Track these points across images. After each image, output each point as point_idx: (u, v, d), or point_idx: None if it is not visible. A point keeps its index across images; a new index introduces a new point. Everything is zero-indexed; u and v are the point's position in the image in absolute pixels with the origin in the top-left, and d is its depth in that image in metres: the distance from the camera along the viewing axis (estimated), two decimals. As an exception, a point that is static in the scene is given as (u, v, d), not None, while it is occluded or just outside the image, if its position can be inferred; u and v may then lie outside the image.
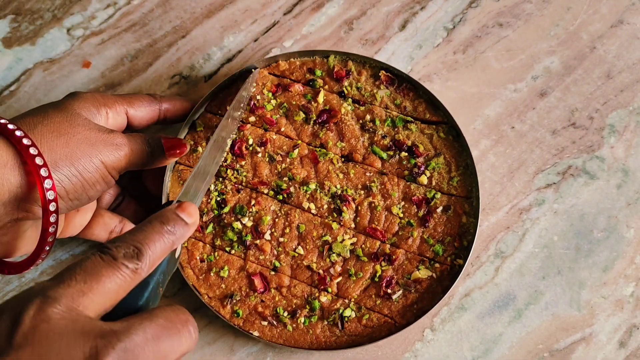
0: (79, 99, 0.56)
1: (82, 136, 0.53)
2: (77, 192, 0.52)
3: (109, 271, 0.41)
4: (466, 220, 0.64)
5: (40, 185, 0.49)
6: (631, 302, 0.66)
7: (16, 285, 0.67)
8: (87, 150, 0.52)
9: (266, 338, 0.63)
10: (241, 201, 0.65)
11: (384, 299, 0.63)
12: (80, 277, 0.40)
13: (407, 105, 0.66)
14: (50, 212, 0.50)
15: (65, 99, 0.56)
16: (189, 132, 0.67)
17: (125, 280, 0.42)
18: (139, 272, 0.43)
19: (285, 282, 0.63)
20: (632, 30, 0.71)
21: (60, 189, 0.51)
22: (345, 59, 0.68)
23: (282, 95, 0.67)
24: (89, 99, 0.57)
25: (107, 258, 0.42)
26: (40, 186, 0.49)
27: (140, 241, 0.44)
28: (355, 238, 0.64)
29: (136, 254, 0.43)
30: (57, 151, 0.51)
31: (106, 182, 0.55)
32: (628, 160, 0.68)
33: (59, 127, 0.52)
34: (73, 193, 0.52)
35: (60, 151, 0.51)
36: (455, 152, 0.65)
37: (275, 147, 0.66)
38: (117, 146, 0.54)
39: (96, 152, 0.53)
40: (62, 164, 0.51)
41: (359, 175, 0.65)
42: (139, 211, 0.66)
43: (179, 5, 0.73)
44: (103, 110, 0.57)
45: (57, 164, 0.51)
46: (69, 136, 0.52)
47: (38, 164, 0.49)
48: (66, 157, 0.51)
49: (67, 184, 0.51)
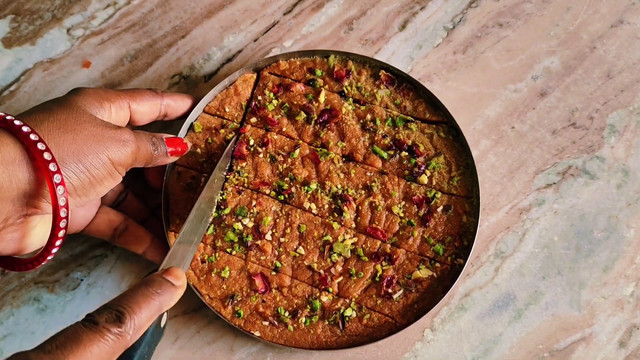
0: (82, 94, 0.56)
1: (89, 132, 0.52)
2: (85, 188, 0.52)
3: (91, 336, 0.42)
4: (466, 219, 0.64)
5: (50, 180, 0.48)
6: (631, 302, 0.66)
7: (16, 285, 0.67)
8: (94, 146, 0.52)
9: (267, 338, 0.63)
10: (242, 202, 0.65)
11: (385, 299, 0.63)
12: (61, 343, 0.41)
13: (407, 105, 0.67)
14: (60, 206, 0.49)
15: (68, 95, 0.56)
16: (187, 134, 0.67)
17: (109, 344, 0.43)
18: (124, 336, 0.44)
19: (286, 282, 0.63)
20: (632, 30, 0.71)
21: (68, 185, 0.51)
22: (345, 59, 0.68)
23: (284, 95, 0.67)
24: (92, 95, 0.57)
25: (88, 324, 0.43)
26: (50, 181, 0.48)
27: (123, 305, 0.45)
28: (356, 238, 0.64)
29: (118, 317, 0.44)
30: (64, 147, 0.51)
31: (113, 179, 0.55)
32: (628, 160, 0.68)
33: (65, 123, 0.52)
34: (81, 189, 0.52)
35: (68, 147, 0.51)
36: (455, 151, 0.65)
37: (277, 147, 0.66)
38: (124, 142, 0.54)
39: (103, 148, 0.53)
40: (69, 161, 0.51)
41: (359, 175, 0.65)
42: (142, 208, 0.66)
43: (178, 5, 0.73)
44: (106, 105, 0.57)
45: (65, 160, 0.50)
46: (75, 132, 0.52)
47: (46, 159, 0.48)
48: (73, 154, 0.51)
49: (75, 180, 0.51)
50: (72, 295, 0.67)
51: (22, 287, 0.67)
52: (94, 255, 0.68)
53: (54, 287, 0.67)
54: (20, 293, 0.67)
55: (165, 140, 0.59)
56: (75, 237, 0.67)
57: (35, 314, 0.67)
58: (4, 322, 0.67)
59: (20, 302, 0.67)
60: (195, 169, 0.66)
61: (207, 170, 0.66)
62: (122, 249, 0.67)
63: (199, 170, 0.66)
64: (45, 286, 0.67)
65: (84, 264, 0.68)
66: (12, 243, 0.52)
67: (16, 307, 0.67)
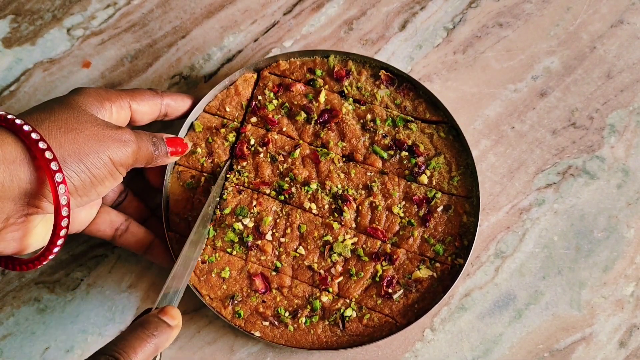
0: (83, 94, 0.56)
1: (90, 132, 0.52)
2: (86, 188, 0.52)
3: None
4: (467, 219, 0.64)
5: (51, 179, 0.48)
6: (631, 302, 0.66)
7: (16, 285, 0.67)
8: (95, 146, 0.52)
9: (268, 338, 0.63)
10: (242, 202, 0.65)
11: (385, 299, 0.63)
12: None
13: (407, 105, 0.67)
14: (62, 206, 0.49)
15: (69, 95, 0.56)
16: (187, 133, 0.67)
17: None
18: None
19: (287, 283, 0.63)
20: (632, 30, 0.71)
21: (69, 185, 0.51)
22: (346, 59, 0.68)
23: (284, 95, 0.67)
24: (93, 94, 0.57)
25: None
26: (51, 180, 0.48)
27: (119, 350, 0.46)
28: (356, 238, 0.64)
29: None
30: (66, 147, 0.51)
31: (114, 179, 0.55)
32: (628, 160, 0.68)
33: (66, 123, 0.52)
34: (82, 189, 0.52)
35: (69, 147, 0.51)
36: (455, 151, 0.65)
37: (277, 147, 0.66)
38: (124, 142, 0.54)
39: (104, 148, 0.53)
40: (70, 160, 0.51)
41: (359, 175, 0.65)
42: (142, 208, 0.66)
43: (178, 5, 0.73)
44: (107, 105, 0.57)
45: (66, 160, 0.50)
46: (76, 132, 0.52)
47: (48, 158, 0.48)
48: (74, 154, 0.51)
49: (76, 180, 0.51)
50: (72, 295, 0.67)
51: (22, 287, 0.67)
52: (94, 255, 0.68)
53: (54, 287, 0.67)
54: (20, 293, 0.67)
55: (165, 140, 0.60)
56: (76, 237, 0.67)
57: (36, 314, 0.67)
58: (4, 322, 0.67)
59: (21, 302, 0.67)
60: (195, 169, 0.66)
61: (207, 170, 0.66)
62: (123, 249, 0.67)
63: (199, 170, 0.66)
64: (45, 286, 0.67)
65: (84, 264, 0.68)
66: (13, 243, 0.52)
67: (16, 307, 0.67)
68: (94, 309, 0.67)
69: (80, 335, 0.66)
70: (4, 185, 0.48)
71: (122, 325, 0.67)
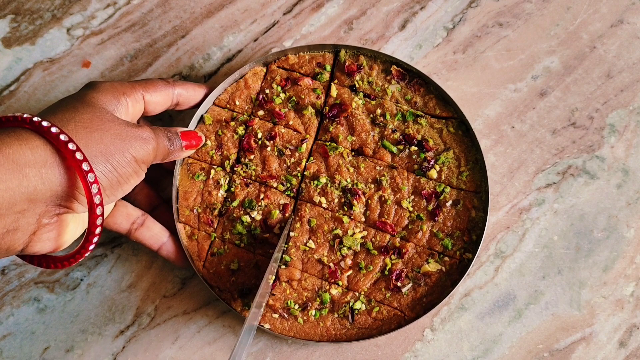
0: (100, 90, 0.56)
1: (114, 132, 0.53)
2: (114, 187, 0.53)
3: None
4: (475, 214, 0.64)
5: (84, 179, 0.49)
6: (631, 302, 0.66)
7: (16, 285, 0.67)
8: (119, 145, 0.53)
9: (277, 331, 0.63)
10: (250, 195, 0.65)
11: (394, 292, 0.63)
12: None
13: (417, 100, 0.67)
14: (96, 205, 0.50)
15: (86, 91, 0.56)
16: (197, 126, 0.67)
17: None
18: None
19: (296, 276, 0.64)
20: (632, 30, 0.71)
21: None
22: (357, 54, 0.68)
23: (291, 89, 0.67)
24: (109, 90, 0.57)
25: None
26: (84, 180, 0.49)
27: None
28: (366, 232, 0.64)
29: None
30: (92, 148, 0.51)
31: (138, 176, 0.55)
32: (628, 160, 0.68)
33: (91, 123, 0.52)
34: (109, 189, 0.53)
35: (95, 147, 0.51)
36: (464, 147, 0.65)
37: (284, 140, 0.66)
38: (145, 140, 0.55)
39: (127, 147, 0.53)
40: (97, 161, 0.51)
41: (369, 169, 0.65)
42: (152, 195, 0.66)
43: (178, 5, 0.73)
44: (123, 100, 0.58)
45: (93, 160, 0.51)
46: (101, 132, 0.52)
47: (79, 159, 0.49)
48: (101, 154, 0.51)
49: (103, 180, 0.51)
50: (72, 295, 0.67)
51: (22, 287, 0.67)
52: (94, 255, 0.68)
53: (54, 287, 0.67)
54: (20, 293, 0.67)
55: (180, 134, 0.60)
56: (75, 237, 0.67)
57: (35, 314, 0.67)
58: (4, 322, 0.67)
59: (20, 302, 0.67)
60: (205, 161, 0.66)
61: (217, 162, 0.66)
62: (123, 249, 0.67)
63: (209, 163, 0.66)
64: (45, 286, 0.67)
65: (84, 264, 0.68)
66: (49, 242, 0.52)
67: (16, 307, 0.67)
68: (94, 309, 0.67)
69: (80, 335, 0.66)
70: (36, 189, 0.48)
71: (122, 325, 0.67)
